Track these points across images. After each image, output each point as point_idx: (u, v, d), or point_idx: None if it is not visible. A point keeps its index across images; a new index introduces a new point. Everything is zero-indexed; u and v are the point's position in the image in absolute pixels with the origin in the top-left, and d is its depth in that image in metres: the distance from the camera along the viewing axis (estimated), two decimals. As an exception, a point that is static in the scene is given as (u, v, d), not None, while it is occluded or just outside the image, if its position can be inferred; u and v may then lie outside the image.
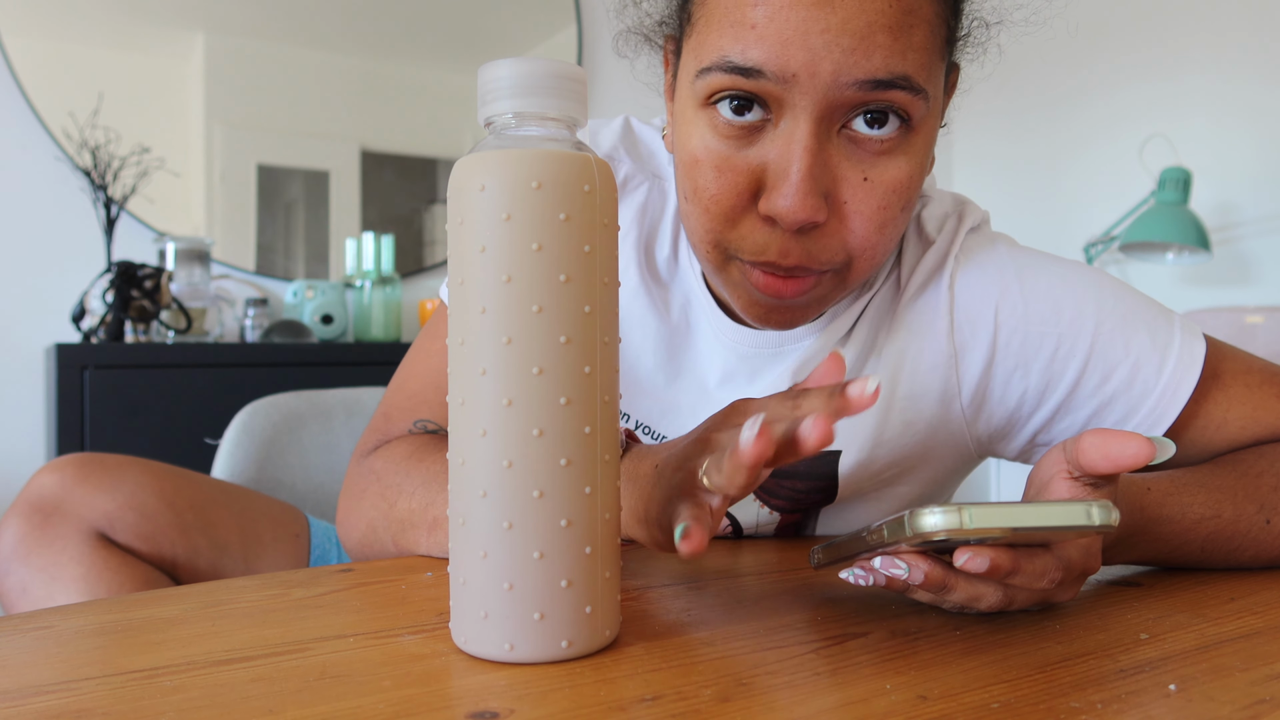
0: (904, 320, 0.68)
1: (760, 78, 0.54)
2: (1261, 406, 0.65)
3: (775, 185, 0.55)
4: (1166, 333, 0.65)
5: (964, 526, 0.40)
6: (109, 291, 1.83)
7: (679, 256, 0.71)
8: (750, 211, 0.58)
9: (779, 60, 0.53)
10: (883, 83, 0.54)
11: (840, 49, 0.53)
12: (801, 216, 0.55)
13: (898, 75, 0.54)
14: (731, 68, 0.54)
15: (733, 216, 0.58)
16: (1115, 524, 0.41)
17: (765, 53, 0.53)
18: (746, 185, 0.57)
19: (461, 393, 0.41)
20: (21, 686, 0.38)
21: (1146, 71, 2.41)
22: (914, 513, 0.41)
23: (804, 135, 0.54)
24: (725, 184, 0.57)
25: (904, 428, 0.68)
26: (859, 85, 0.53)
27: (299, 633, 0.45)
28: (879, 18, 0.53)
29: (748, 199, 0.57)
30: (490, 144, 0.41)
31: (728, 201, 0.57)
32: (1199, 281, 2.36)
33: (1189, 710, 0.36)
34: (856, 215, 0.57)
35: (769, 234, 0.58)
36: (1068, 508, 0.41)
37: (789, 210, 0.55)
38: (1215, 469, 0.61)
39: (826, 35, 0.52)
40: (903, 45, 0.54)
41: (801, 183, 0.54)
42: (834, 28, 0.52)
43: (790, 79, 0.53)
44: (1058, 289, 0.66)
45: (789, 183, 0.55)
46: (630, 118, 0.75)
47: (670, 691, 0.38)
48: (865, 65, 0.53)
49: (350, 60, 2.38)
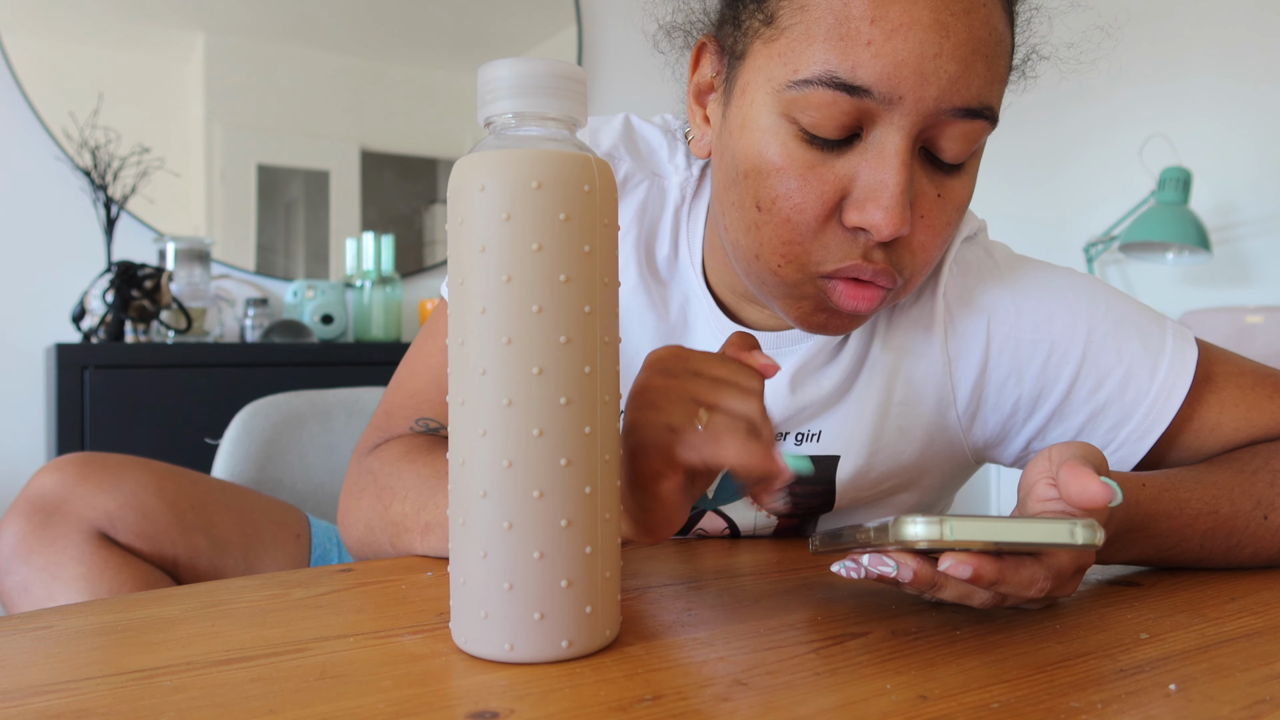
0: (899, 326, 0.68)
1: (865, 96, 0.53)
2: (1255, 408, 0.65)
3: (872, 197, 0.55)
4: (1159, 339, 0.66)
5: (945, 538, 0.40)
6: (109, 291, 1.83)
7: (679, 255, 0.71)
8: (833, 221, 0.57)
9: (890, 82, 0.53)
10: (974, 111, 0.55)
11: (948, 76, 0.53)
12: (899, 228, 0.55)
13: (986, 105, 0.55)
14: (837, 84, 0.53)
15: (816, 226, 0.57)
16: (1099, 543, 0.41)
17: (877, 74, 0.53)
18: (833, 195, 0.56)
19: (461, 393, 0.41)
20: (21, 686, 0.38)
21: (1146, 71, 2.41)
22: (898, 520, 0.42)
23: (901, 150, 0.55)
24: (811, 193, 0.56)
25: (900, 434, 0.69)
26: (955, 111, 0.54)
27: (299, 633, 0.45)
28: (981, 46, 0.54)
29: (832, 209, 0.57)
30: (490, 144, 0.41)
31: (813, 210, 0.57)
32: (1199, 281, 2.36)
33: (1189, 710, 0.36)
34: (928, 230, 0.58)
35: (853, 244, 0.57)
36: (1052, 525, 0.41)
37: (886, 222, 0.55)
38: (1211, 467, 0.61)
39: (939, 61, 0.53)
40: (993, 75, 0.55)
41: (900, 195, 0.55)
42: (946, 53, 0.53)
43: (896, 101, 0.53)
44: (1050, 297, 0.67)
45: (888, 193, 0.55)
46: (631, 116, 0.75)
47: (670, 691, 0.38)
48: (964, 94, 0.54)
49: (350, 60, 2.38)
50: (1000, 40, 0.55)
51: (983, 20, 0.54)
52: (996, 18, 0.55)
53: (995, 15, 0.55)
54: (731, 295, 0.69)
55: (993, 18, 0.55)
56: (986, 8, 0.54)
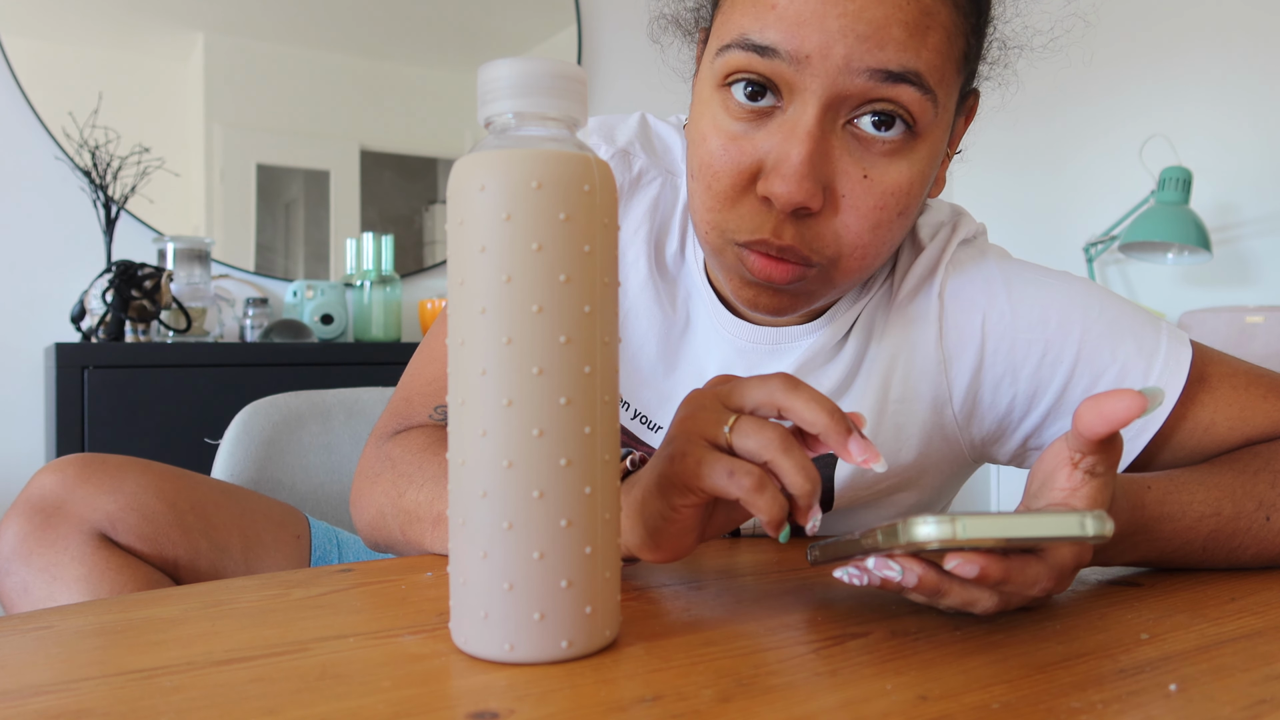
0: (896, 325, 0.69)
1: (775, 57, 0.55)
2: (1249, 407, 0.66)
3: (775, 167, 0.57)
4: (1153, 339, 0.66)
5: (957, 537, 0.40)
6: (109, 291, 1.83)
7: (685, 252, 0.72)
8: (749, 192, 0.59)
9: (794, 40, 0.55)
10: (893, 74, 0.55)
11: (855, 35, 0.54)
12: (798, 198, 0.56)
13: (909, 70, 0.55)
14: (749, 45, 0.56)
15: (732, 195, 0.59)
16: (1109, 534, 0.41)
17: (782, 32, 0.55)
18: (749, 165, 0.58)
19: (461, 393, 0.41)
20: (21, 686, 0.38)
21: (1146, 71, 2.41)
22: (908, 521, 0.41)
23: (809, 121, 0.56)
24: (729, 162, 0.59)
25: (897, 431, 0.69)
26: (869, 74, 0.55)
27: (299, 633, 0.45)
28: (896, 12, 0.54)
29: (748, 179, 0.59)
30: (490, 144, 0.41)
31: (728, 179, 0.59)
32: (1199, 281, 2.36)
33: (1189, 710, 0.36)
34: (852, 211, 0.58)
35: (765, 215, 0.59)
36: (1062, 518, 0.41)
37: (785, 191, 0.56)
38: (1212, 468, 0.61)
39: (843, 20, 0.54)
40: (916, 43, 0.55)
41: (800, 165, 0.56)
42: (851, 14, 0.54)
43: (804, 60, 0.55)
44: (1044, 297, 0.67)
45: (789, 164, 0.56)
46: (648, 114, 0.76)
47: (670, 691, 0.38)
48: (878, 55, 0.54)
49: (350, 60, 2.38)
50: (928, 11, 0.55)
51: None
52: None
53: None
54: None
55: None
56: None
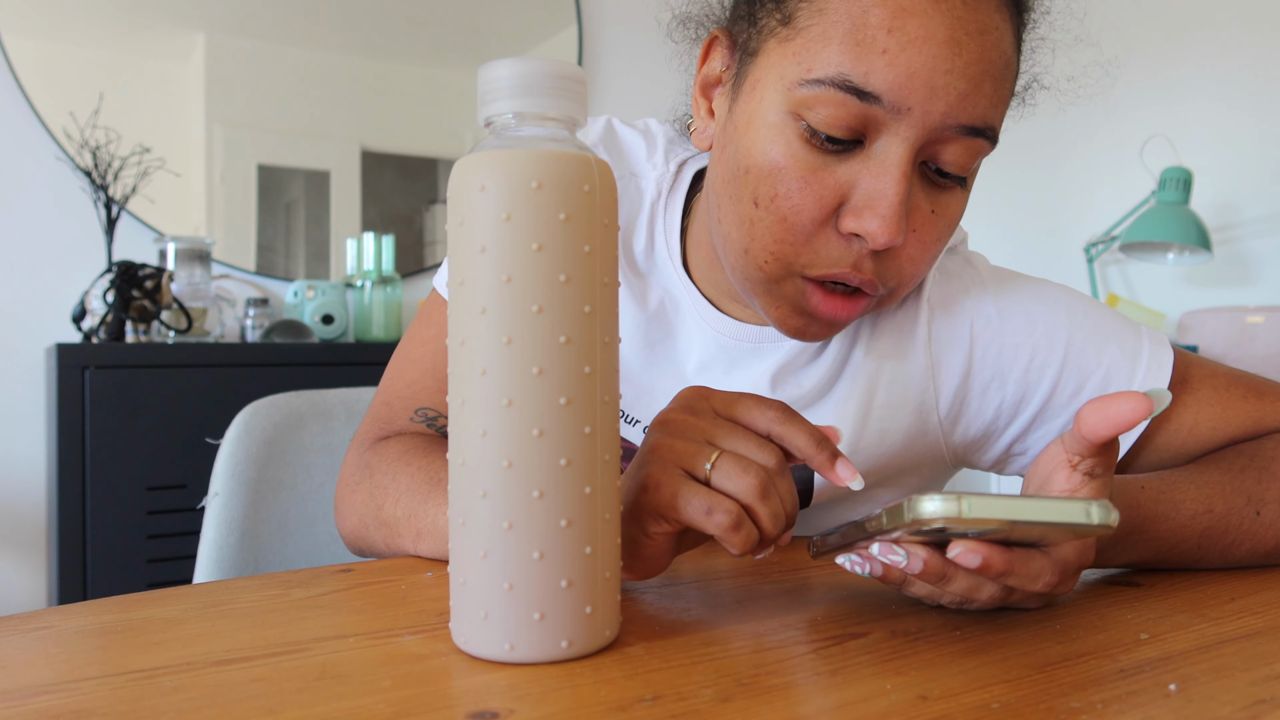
0: (883, 332, 0.69)
1: (874, 103, 0.54)
2: (1230, 408, 0.67)
3: (870, 205, 0.56)
4: (1135, 343, 0.67)
5: (962, 515, 0.40)
6: (109, 291, 1.83)
7: (655, 249, 0.72)
8: (828, 226, 0.58)
9: (901, 92, 0.54)
10: (977, 130, 0.56)
11: (957, 92, 0.54)
12: (894, 237, 0.56)
13: (989, 125, 0.56)
14: (849, 87, 0.54)
15: (811, 229, 0.58)
16: (1114, 524, 0.41)
17: (889, 82, 0.53)
18: (832, 200, 0.57)
19: (461, 393, 0.41)
20: (21, 686, 0.38)
21: (1146, 71, 2.41)
22: (914, 499, 0.41)
23: (904, 162, 0.55)
24: (810, 196, 0.57)
25: (880, 436, 0.69)
26: (959, 129, 0.55)
27: (299, 633, 0.45)
28: (990, 68, 0.55)
29: (830, 213, 0.57)
30: (490, 144, 0.41)
31: (810, 213, 0.57)
32: (1199, 281, 2.35)
33: (1189, 710, 0.36)
34: (919, 243, 0.59)
35: (844, 249, 0.58)
36: (1068, 505, 0.41)
37: (882, 230, 0.55)
38: (1200, 467, 0.62)
39: (950, 76, 0.54)
40: (998, 97, 0.56)
41: (898, 206, 0.55)
42: (957, 70, 0.54)
43: (904, 111, 0.54)
44: (1030, 303, 0.68)
45: (886, 202, 0.55)
46: (613, 119, 0.76)
47: (670, 691, 0.38)
48: (971, 112, 0.55)
49: (350, 60, 2.38)
50: (1008, 64, 0.57)
51: (994, 42, 0.55)
52: (1007, 42, 0.56)
53: (1006, 39, 0.56)
54: (715, 290, 0.70)
55: (1003, 41, 0.56)
56: (999, 30, 0.55)
